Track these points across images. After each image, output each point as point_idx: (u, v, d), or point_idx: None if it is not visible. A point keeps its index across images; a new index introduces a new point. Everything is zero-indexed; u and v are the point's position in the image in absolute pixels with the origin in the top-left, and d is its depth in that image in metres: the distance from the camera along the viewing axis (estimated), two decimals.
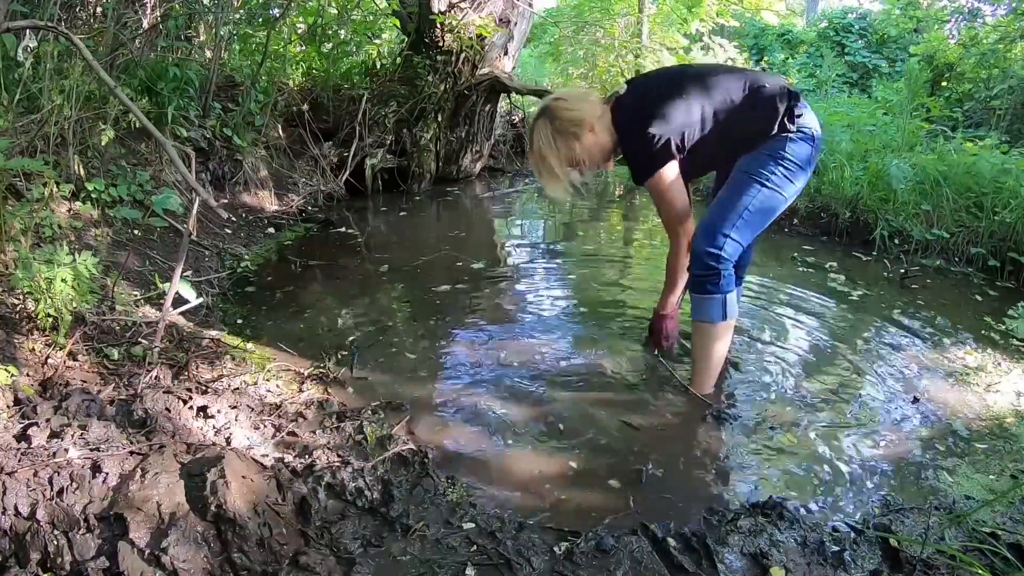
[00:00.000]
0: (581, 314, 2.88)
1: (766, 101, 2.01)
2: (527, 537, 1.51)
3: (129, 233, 3.07)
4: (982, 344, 2.62)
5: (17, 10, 2.95)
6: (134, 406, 1.85)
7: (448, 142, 5.48)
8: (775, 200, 2.03)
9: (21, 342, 2.00)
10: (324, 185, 4.79)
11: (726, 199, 2.06)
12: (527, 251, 3.94)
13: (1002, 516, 1.63)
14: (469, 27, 5.01)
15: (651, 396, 2.21)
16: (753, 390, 2.25)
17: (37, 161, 2.51)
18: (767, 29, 12.26)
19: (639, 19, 8.07)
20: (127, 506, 1.42)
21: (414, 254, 3.67)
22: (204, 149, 3.96)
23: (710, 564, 1.44)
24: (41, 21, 2.50)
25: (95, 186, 2.99)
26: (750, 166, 2.04)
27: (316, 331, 2.66)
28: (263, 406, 1.99)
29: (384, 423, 1.98)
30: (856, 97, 7.64)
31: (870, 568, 1.45)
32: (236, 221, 3.90)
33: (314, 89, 5.21)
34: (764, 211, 2.04)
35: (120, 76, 3.46)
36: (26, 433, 1.63)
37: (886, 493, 1.73)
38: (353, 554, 1.43)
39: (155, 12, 4.07)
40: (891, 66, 10.71)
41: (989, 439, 2.00)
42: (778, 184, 2.02)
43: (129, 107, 2.14)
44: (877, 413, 2.13)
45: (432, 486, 1.66)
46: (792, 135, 2.00)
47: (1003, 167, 3.80)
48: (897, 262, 3.66)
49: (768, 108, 2.01)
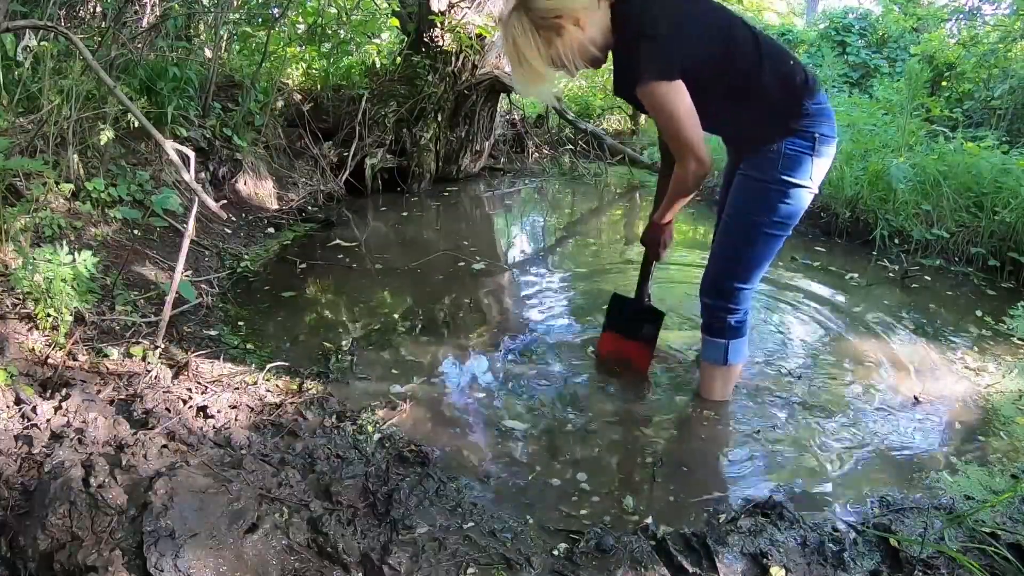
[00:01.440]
0: (582, 313, 2.88)
1: (783, 77, 1.79)
2: (527, 537, 1.51)
3: (129, 233, 3.06)
4: (982, 344, 2.62)
5: (17, 10, 2.95)
6: (134, 406, 1.85)
7: (448, 142, 5.48)
8: (775, 232, 1.90)
9: (21, 342, 2.00)
10: (324, 185, 4.79)
11: (730, 249, 1.96)
12: (527, 250, 3.94)
13: (1002, 516, 1.63)
14: (469, 27, 5.00)
15: (652, 396, 2.21)
16: (753, 390, 2.25)
17: (37, 161, 2.51)
18: (767, 29, 12.26)
19: None
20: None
21: (414, 254, 3.67)
22: (204, 149, 3.96)
23: (710, 564, 1.44)
24: (41, 21, 2.50)
25: (95, 186, 2.99)
26: (744, 206, 1.89)
27: (316, 331, 2.66)
28: (263, 406, 1.99)
29: (384, 423, 1.98)
30: (857, 97, 7.62)
31: (870, 568, 1.45)
32: (236, 221, 3.90)
33: (314, 89, 5.21)
34: (768, 247, 1.93)
35: (120, 76, 3.46)
36: (26, 433, 1.63)
37: (886, 493, 1.73)
38: (353, 555, 1.43)
39: (155, 12, 4.07)
40: (891, 66, 10.70)
41: (989, 439, 2.00)
42: (773, 215, 1.86)
43: (128, 107, 2.14)
44: (877, 413, 2.13)
45: (432, 486, 1.66)
46: (787, 148, 1.80)
47: (1003, 167, 3.80)
48: (897, 262, 3.66)
49: (782, 86, 1.79)
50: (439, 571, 1.40)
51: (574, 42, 1.75)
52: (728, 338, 2.03)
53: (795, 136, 1.80)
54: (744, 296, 1.99)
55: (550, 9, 1.71)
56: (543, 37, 1.74)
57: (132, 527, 1.39)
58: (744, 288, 1.97)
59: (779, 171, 1.82)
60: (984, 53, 6.58)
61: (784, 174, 1.82)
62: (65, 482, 1.44)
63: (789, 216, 1.88)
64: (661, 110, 1.73)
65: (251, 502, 1.50)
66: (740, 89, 1.80)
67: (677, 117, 1.71)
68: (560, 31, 1.73)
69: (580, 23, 1.73)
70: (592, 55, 1.80)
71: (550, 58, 1.76)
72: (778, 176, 1.83)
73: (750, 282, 1.98)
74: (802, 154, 1.81)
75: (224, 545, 1.38)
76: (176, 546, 1.34)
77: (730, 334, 2.02)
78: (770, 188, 1.84)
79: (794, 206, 1.86)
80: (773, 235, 1.91)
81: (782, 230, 1.91)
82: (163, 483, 1.47)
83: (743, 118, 1.87)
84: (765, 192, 1.85)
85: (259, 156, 4.47)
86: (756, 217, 1.88)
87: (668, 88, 1.68)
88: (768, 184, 1.84)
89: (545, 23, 1.73)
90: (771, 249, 1.94)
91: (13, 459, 1.55)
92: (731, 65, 1.77)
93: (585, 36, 1.75)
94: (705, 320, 2.07)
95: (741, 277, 1.95)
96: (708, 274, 2.03)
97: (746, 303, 2.01)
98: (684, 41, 1.71)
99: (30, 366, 1.93)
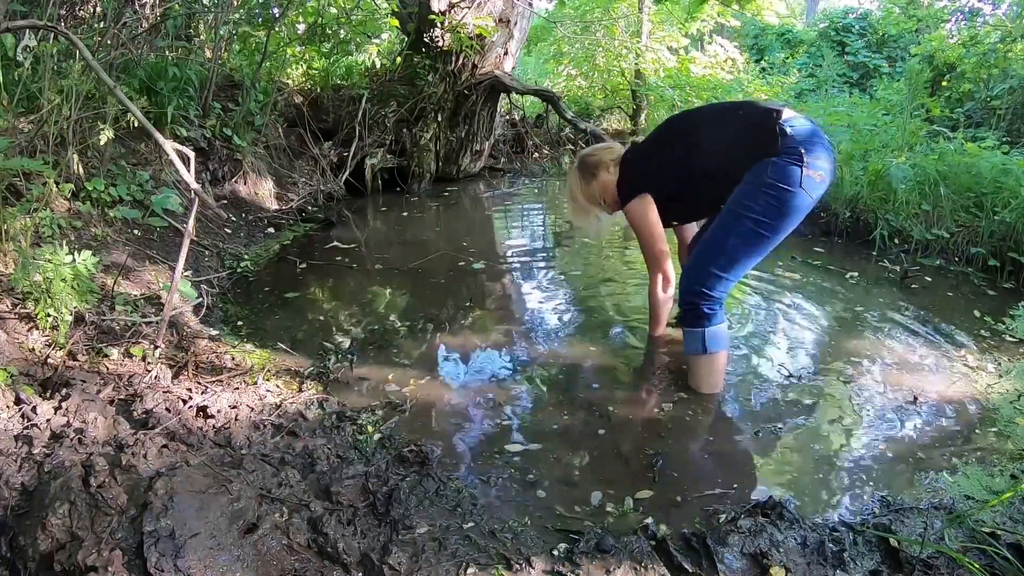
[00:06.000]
0: (582, 313, 2.88)
1: (752, 132, 2.07)
2: (527, 537, 1.51)
3: (129, 233, 3.07)
4: (982, 344, 2.62)
5: (17, 10, 2.95)
6: (134, 406, 1.85)
7: (448, 142, 5.48)
8: (761, 231, 2.04)
9: (21, 342, 2.00)
10: (324, 185, 4.79)
11: (711, 237, 2.13)
12: (527, 250, 3.94)
13: (1002, 516, 1.63)
14: (469, 27, 5.00)
15: (652, 396, 2.21)
16: (753, 390, 2.25)
17: (37, 161, 2.51)
18: (767, 29, 12.26)
19: (639, 19, 8.07)
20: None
21: (414, 254, 3.67)
22: (204, 149, 3.96)
23: (710, 564, 1.44)
24: (41, 21, 2.50)
25: (95, 186, 2.99)
26: (736, 200, 2.08)
27: (316, 331, 2.66)
28: (263, 406, 1.99)
29: (384, 423, 1.98)
30: (857, 97, 7.64)
31: (870, 568, 1.45)
32: (236, 221, 3.90)
33: (314, 89, 5.21)
34: (751, 244, 2.07)
35: (120, 76, 3.46)
36: (26, 433, 1.63)
37: (886, 493, 1.73)
38: (353, 554, 1.43)
39: (155, 12, 4.07)
40: (891, 66, 10.71)
41: (989, 439, 2.00)
42: (762, 213, 2.02)
43: (128, 107, 2.14)
44: (877, 413, 2.13)
45: (432, 486, 1.66)
46: (776, 159, 2.00)
47: (1003, 167, 3.80)
48: (897, 262, 3.65)
49: (749, 140, 2.07)
50: (439, 571, 1.40)
51: (605, 182, 2.39)
52: (704, 326, 2.12)
53: (783, 154, 2.01)
54: (720, 284, 2.10)
55: (590, 162, 2.44)
56: (584, 179, 2.43)
57: (132, 527, 1.39)
58: (720, 276, 2.09)
59: (768, 176, 2.02)
60: (984, 53, 6.58)
61: (772, 179, 2.01)
62: (65, 482, 1.44)
63: (775, 217, 2.02)
64: (639, 228, 2.33)
65: (251, 502, 1.50)
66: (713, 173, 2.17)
67: (647, 231, 2.33)
68: (596, 175, 2.41)
69: (610, 170, 2.39)
70: (615, 194, 2.38)
71: (587, 195, 2.43)
72: (767, 180, 2.02)
73: (728, 271, 2.09)
74: (791, 165, 2.00)
75: (224, 545, 1.38)
76: (176, 546, 1.34)
77: (706, 322, 2.12)
78: (759, 189, 2.03)
79: (780, 208, 2.01)
80: (758, 232, 2.04)
81: (767, 230, 2.04)
82: (163, 483, 1.48)
83: (728, 185, 2.13)
84: (755, 192, 2.03)
85: (259, 156, 4.47)
86: (744, 211, 2.04)
87: (637, 204, 2.28)
88: (758, 186, 2.03)
89: (586, 170, 2.43)
90: (754, 246, 2.07)
91: (13, 459, 1.55)
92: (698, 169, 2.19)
93: (611, 178, 2.38)
94: (683, 312, 2.18)
95: (720, 263, 2.09)
96: (692, 258, 2.20)
97: (720, 292, 2.12)
98: (649, 173, 2.30)
99: (30, 366, 1.93)
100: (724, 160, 2.13)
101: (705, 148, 2.18)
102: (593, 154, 2.46)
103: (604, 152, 2.45)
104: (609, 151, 2.45)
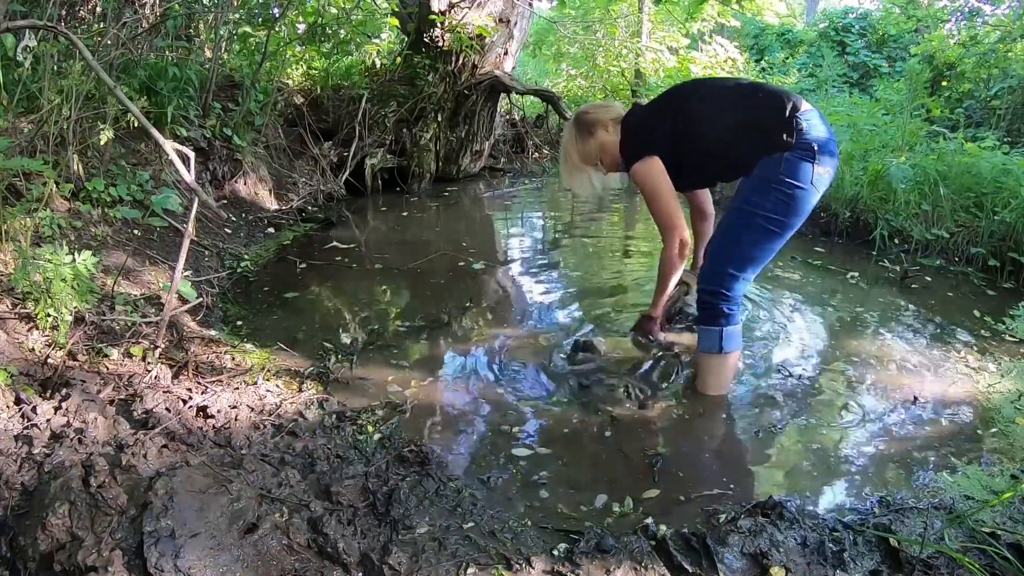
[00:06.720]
0: (582, 313, 2.88)
1: (761, 119, 2.04)
2: (527, 537, 1.51)
3: (129, 233, 3.07)
4: (982, 344, 2.62)
5: (17, 10, 2.95)
6: (134, 406, 1.85)
7: (448, 142, 5.48)
8: (772, 228, 2.02)
9: (21, 342, 2.00)
10: (324, 185, 4.79)
11: (726, 238, 2.11)
12: (527, 250, 3.94)
13: (1002, 516, 1.63)
14: (469, 27, 5.00)
15: (652, 396, 2.21)
16: (753, 390, 2.25)
17: (37, 161, 2.51)
18: (767, 29, 12.26)
19: (639, 19, 8.08)
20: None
21: (414, 254, 3.67)
22: (204, 149, 3.96)
23: (710, 564, 1.44)
24: (41, 21, 2.50)
25: (95, 186, 2.99)
26: (746, 198, 2.05)
27: (316, 331, 2.66)
28: (263, 406, 1.99)
29: (384, 423, 1.98)
30: (857, 97, 7.63)
31: (870, 568, 1.45)
32: (236, 221, 3.90)
33: (314, 89, 5.21)
34: (764, 242, 2.05)
35: (120, 76, 3.46)
36: (26, 433, 1.63)
37: (886, 493, 1.73)
38: (353, 554, 1.43)
39: (155, 12, 4.07)
40: (891, 66, 10.71)
41: (989, 439, 2.00)
42: (773, 210, 2.00)
43: (128, 107, 2.14)
44: (877, 413, 2.13)
45: (432, 486, 1.66)
46: (789, 154, 1.97)
47: (1003, 167, 3.80)
48: (897, 262, 3.65)
49: (757, 126, 2.04)
50: (439, 571, 1.40)
51: (604, 142, 2.29)
52: (722, 325, 2.11)
53: (796, 149, 1.98)
54: (737, 284, 2.09)
55: (588, 121, 2.31)
56: (581, 138, 2.32)
57: (132, 527, 1.39)
58: (737, 275, 2.07)
59: (781, 173, 1.99)
60: (984, 53, 6.58)
61: (785, 175, 1.99)
62: (65, 482, 1.44)
63: (786, 214, 2.01)
64: (650, 190, 2.18)
65: (251, 502, 1.50)
66: (718, 149, 2.14)
67: (657, 192, 2.17)
68: (594, 134, 2.29)
69: (608, 129, 2.28)
70: (615, 155, 2.28)
71: (584, 154, 2.32)
72: (779, 176, 1.99)
73: (744, 271, 2.08)
74: (803, 161, 1.97)
75: (224, 545, 1.38)
76: (176, 546, 1.34)
77: (724, 320, 2.11)
78: (771, 185, 2.00)
79: (792, 205, 2.00)
80: (770, 230, 2.03)
81: (779, 227, 2.03)
82: (163, 483, 1.48)
83: (737, 167, 2.13)
84: (767, 188, 2.01)
85: (259, 156, 4.47)
86: (757, 208, 2.02)
87: (646, 164, 2.15)
88: (770, 182, 2.00)
89: (583, 129, 2.31)
90: (767, 243, 2.06)
91: (13, 459, 1.55)
92: (703, 138, 2.14)
93: (610, 138, 2.28)
94: (700, 310, 2.16)
95: (736, 262, 2.07)
96: (707, 259, 2.16)
97: (738, 291, 2.10)
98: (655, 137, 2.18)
99: (30, 366, 1.93)
100: (727, 141, 2.10)
101: (708, 124, 2.12)
102: (590, 112, 2.35)
103: (602, 111, 2.34)
104: (607, 110, 2.34)
